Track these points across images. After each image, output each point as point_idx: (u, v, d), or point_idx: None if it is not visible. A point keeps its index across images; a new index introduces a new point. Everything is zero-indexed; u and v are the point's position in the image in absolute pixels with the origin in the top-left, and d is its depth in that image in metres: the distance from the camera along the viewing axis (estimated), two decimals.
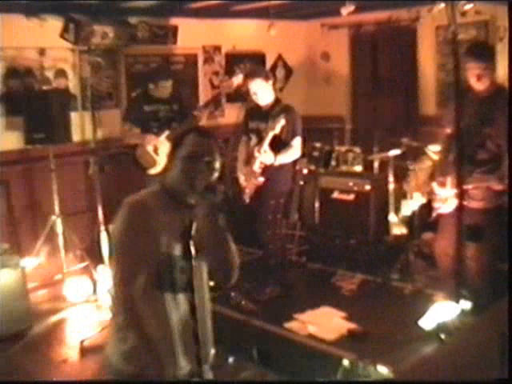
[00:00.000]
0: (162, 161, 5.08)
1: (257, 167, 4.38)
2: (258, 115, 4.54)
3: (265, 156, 4.29)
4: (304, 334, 3.80)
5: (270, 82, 4.50)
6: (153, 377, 2.05)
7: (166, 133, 5.04)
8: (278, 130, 4.23)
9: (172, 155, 2.18)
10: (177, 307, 2.12)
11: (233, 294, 4.38)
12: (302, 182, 5.63)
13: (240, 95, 6.46)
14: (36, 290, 5.03)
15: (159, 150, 5.07)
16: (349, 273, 4.80)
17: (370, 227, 5.39)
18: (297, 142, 4.40)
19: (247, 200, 4.49)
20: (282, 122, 4.19)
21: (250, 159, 4.46)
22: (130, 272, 2.03)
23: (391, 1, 5.85)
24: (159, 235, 2.05)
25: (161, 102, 5.13)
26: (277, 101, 4.54)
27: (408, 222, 4.91)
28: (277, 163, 4.35)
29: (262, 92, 4.47)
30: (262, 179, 4.40)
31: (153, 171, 5.08)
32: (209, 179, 2.11)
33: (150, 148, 5.04)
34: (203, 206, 2.03)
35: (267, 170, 4.39)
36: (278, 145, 4.33)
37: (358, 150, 5.91)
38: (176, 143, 2.20)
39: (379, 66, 6.84)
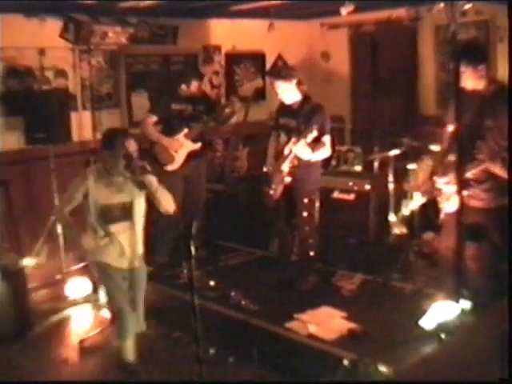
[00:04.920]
0: (179, 159, 5.09)
1: (285, 167, 4.39)
2: (287, 112, 4.54)
3: (303, 150, 4.29)
4: (304, 334, 3.80)
5: (294, 81, 4.46)
6: None
7: (185, 131, 5.06)
8: (309, 140, 4.23)
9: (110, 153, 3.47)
10: None
11: (233, 293, 4.39)
12: None
13: (240, 96, 6.50)
14: (36, 290, 5.03)
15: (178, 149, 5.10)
16: (349, 273, 4.80)
17: (369, 227, 5.39)
18: (327, 140, 4.42)
19: (276, 195, 4.50)
20: (314, 132, 4.19)
21: (278, 155, 4.49)
22: None
23: (391, 1, 5.85)
24: None
25: (187, 102, 5.13)
26: (306, 98, 4.53)
27: (408, 221, 4.91)
28: (314, 159, 4.36)
29: (285, 92, 4.47)
30: (288, 179, 4.42)
31: (170, 167, 5.09)
32: None
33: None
34: None
35: (296, 169, 4.40)
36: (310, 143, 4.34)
37: (358, 149, 5.91)
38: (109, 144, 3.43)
39: (379, 66, 6.83)
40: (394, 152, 5.05)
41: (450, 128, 3.89)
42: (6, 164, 5.11)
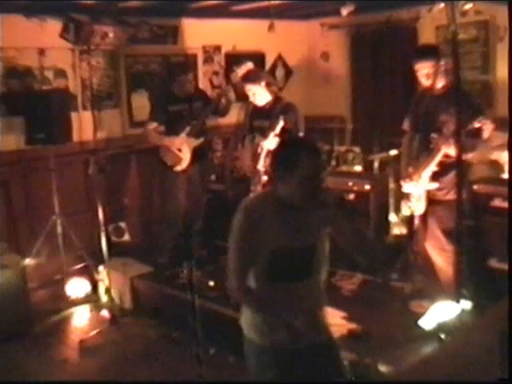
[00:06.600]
0: (186, 157, 5.11)
1: (261, 166, 4.42)
2: (260, 114, 4.62)
3: (273, 143, 4.30)
4: None
5: (263, 83, 4.54)
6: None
7: (187, 129, 5.08)
8: (277, 130, 4.26)
9: (287, 176, 2.29)
10: None
11: None
12: None
13: (240, 95, 6.49)
14: (36, 290, 5.03)
15: (182, 146, 5.11)
16: (349, 273, 4.80)
17: (369, 227, 5.38)
18: None
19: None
20: (280, 123, 4.24)
21: (254, 157, 4.50)
22: None
23: (391, 1, 5.85)
24: None
25: (184, 101, 5.16)
26: (277, 99, 4.59)
27: (408, 221, 4.91)
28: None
29: (255, 94, 4.57)
30: (266, 177, 4.43)
31: (179, 168, 5.11)
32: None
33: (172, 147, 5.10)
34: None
35: None
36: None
37: (357, 149, 5.91)
38: (287, 163, 2.29)
39: (379, 66, 6.83)
40: (394, 152, 5.05)
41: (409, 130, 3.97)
42: (5, 164, 5.11)
